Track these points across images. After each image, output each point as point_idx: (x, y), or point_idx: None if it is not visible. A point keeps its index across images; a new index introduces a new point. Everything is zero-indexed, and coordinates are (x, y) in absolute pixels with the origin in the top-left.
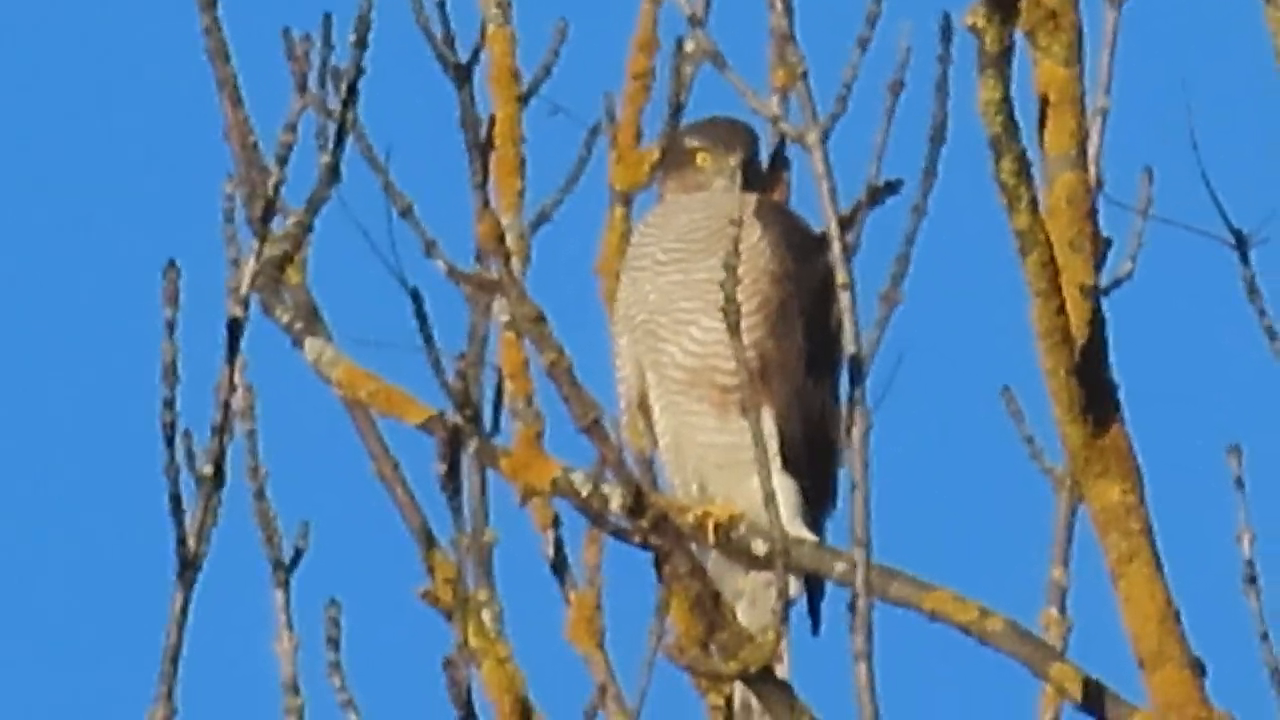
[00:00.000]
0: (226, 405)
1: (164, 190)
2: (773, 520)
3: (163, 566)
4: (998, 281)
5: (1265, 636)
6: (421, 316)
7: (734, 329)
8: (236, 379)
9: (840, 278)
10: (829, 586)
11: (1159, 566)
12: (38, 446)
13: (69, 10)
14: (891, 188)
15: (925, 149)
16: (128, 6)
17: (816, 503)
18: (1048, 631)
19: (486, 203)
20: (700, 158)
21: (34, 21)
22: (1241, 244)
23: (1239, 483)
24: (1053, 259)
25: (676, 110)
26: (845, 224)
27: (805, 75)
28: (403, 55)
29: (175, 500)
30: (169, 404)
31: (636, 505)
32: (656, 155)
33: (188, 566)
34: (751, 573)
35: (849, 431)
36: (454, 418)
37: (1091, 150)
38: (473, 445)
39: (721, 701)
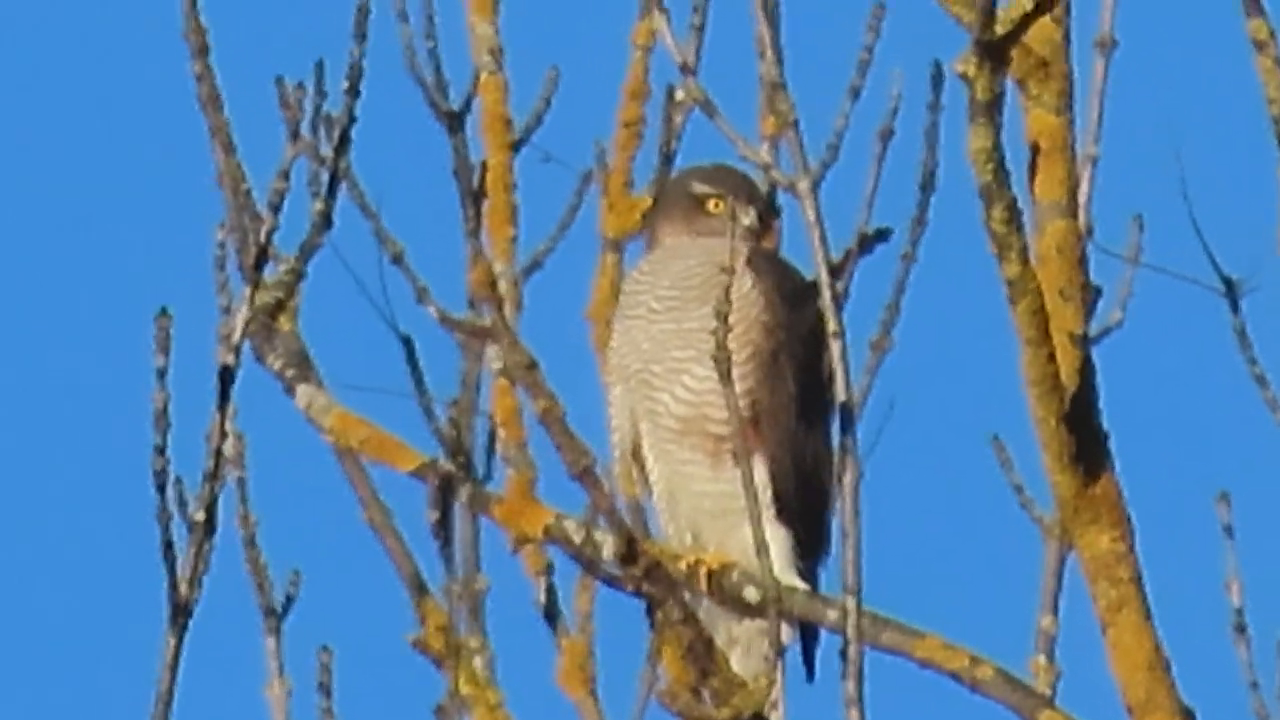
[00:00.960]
0: (218, 452)
1: (156, 237)
2: (765, 568)
3: (155, 613)
4: (988, 329)
5: (1255, 685)
6: (413, 363)
7: (726, 378)
8: (228, 426)
9: (831, 325)
10: (823, 633)
11: (1148, 615)
12: (29, 493)
13: (61, 57)
14: (882, 235)
15: (916, 197)
16: (120, 53)
17: (809, 550)
18: (1036, 679)
19: (479, 250)
20: (713, 203)
21: (26, 68)
22: (1232, 292)
23: (1228, 531)
24: (1043, 307)
25: (667, 158)
26: (836, 272)
27: (796, 123)
28: (395, 103)
29: (167, 546)
30: (160, 450)
31: (629, 553)
32: (649, 202)
33: (180, 613)
34: (745, 620)
35: (840, 479)
36: (446, 465)
37: (1082, 198)
38: (465, 492)
39: None
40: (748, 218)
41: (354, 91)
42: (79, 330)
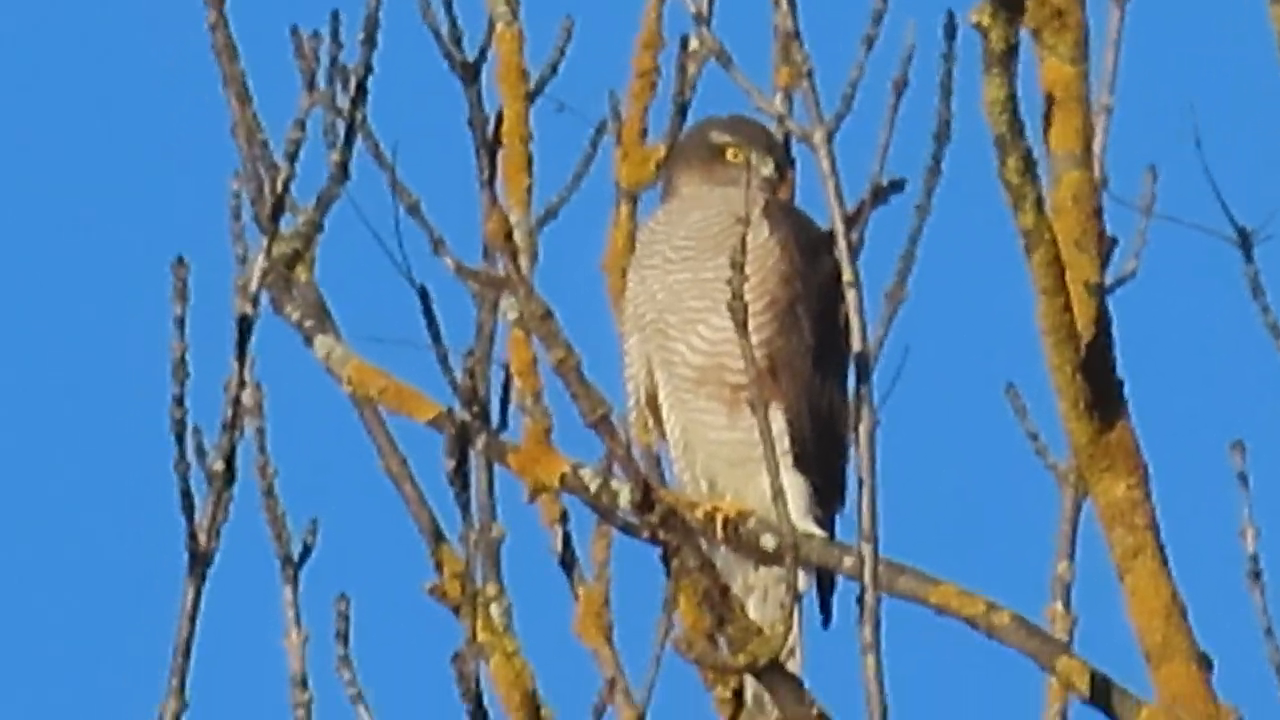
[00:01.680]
0: (237, 402)
1: (172, 187)
2: (782, 516)
3: (174, 562)
4: (1003, 278)
5: (1269, 632)
6: (429, 314)
7: (742, 327)
8: (246, 376)
9: (846, 275)
10: (839, 580)
11: (1165, 561)
12: (49, 443)
13: (77, 8)
14: (896, 186)
15: (930, 147)
16: (136, 3)
17: (825, 498)
18: (1053, 626)
19: (494, 200)
20: (731, 153)
21: (43, 20)
22: (1245, 241)
23: (1243, 478)
24: (1058, 257)
25: (681, 108)
26: (851, 222)
27: (810, 74)
28: (410, 53)
29: (186, 496)
30: (179, 400)
31: (645, 501)
32: (663, 152)
33: (198, 562)
34: (761, 568)
35: (856, 428)
36: (462, 414)
37: (1097, 148)
38: (481, 441)
39: (730, 695)
40: (766, 168)
41: (370, 42)
42: (97, 280)
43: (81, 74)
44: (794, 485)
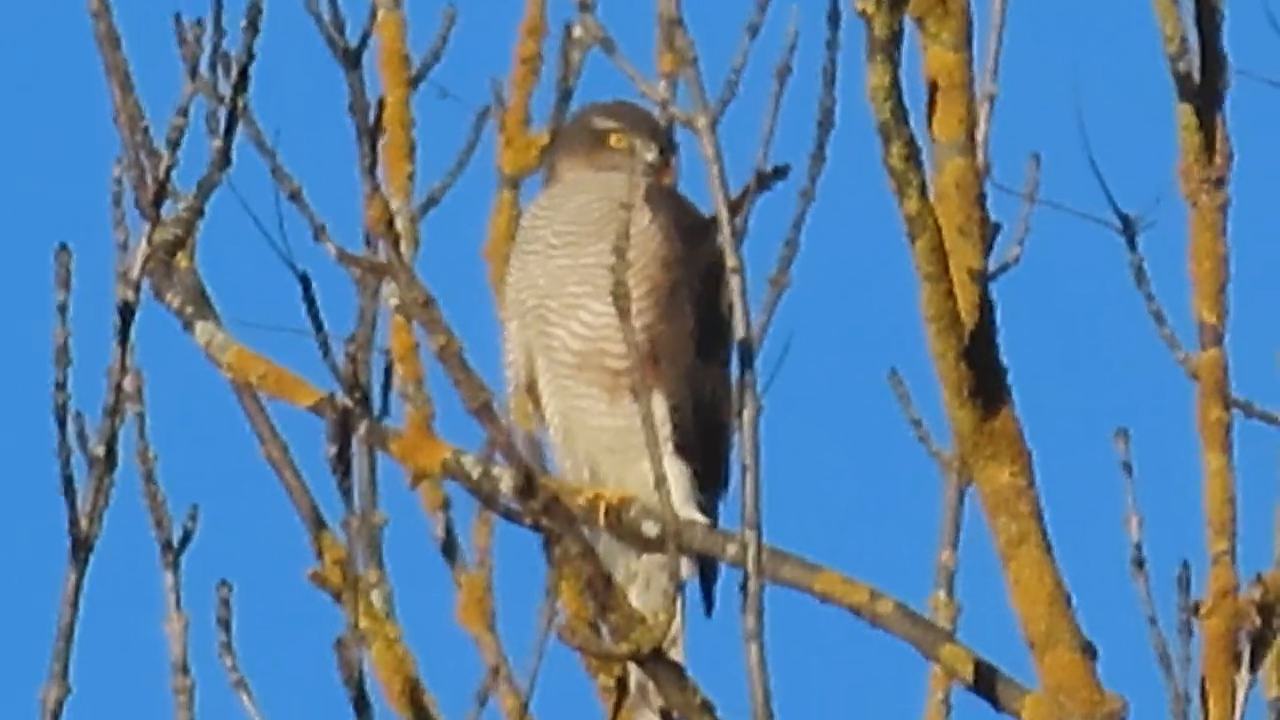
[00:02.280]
0: (118, 388)
1: (54, 173)
2: (664, 503)
3: (55, 547)
4: (886, 265)
5: (1153, 620)
6: (310, 300)
7: (624, 313)
8: (128, 362)
9: (730, 261)
10: (722, 568)
11: (1049, 550)
12: None
13: None
14: (780, 173)
15: (814, 134)
16: None
17: (708, 485)
18: (937, 614)
19: (376, 187)
20: (615, 139)
21: None
22: (1129, 228)
23: (1127, 467)
24: (941, 244)
25: (565, 95)
26: (734, 208)
27: (694, 60)
28: (293, 40)
29: (67, 481)
30: (61, 386)
31: (527, 487)
32: (547, 139)
33: (80, 547)
34: (643, 555)
35: (739, 414)
36: (344, 400)
37: (980, 135)
38: (362, 428)
39: (613, 682)
40: (650, 153)
41: (252, 29)
42: None
43: None
44: (676, 472)
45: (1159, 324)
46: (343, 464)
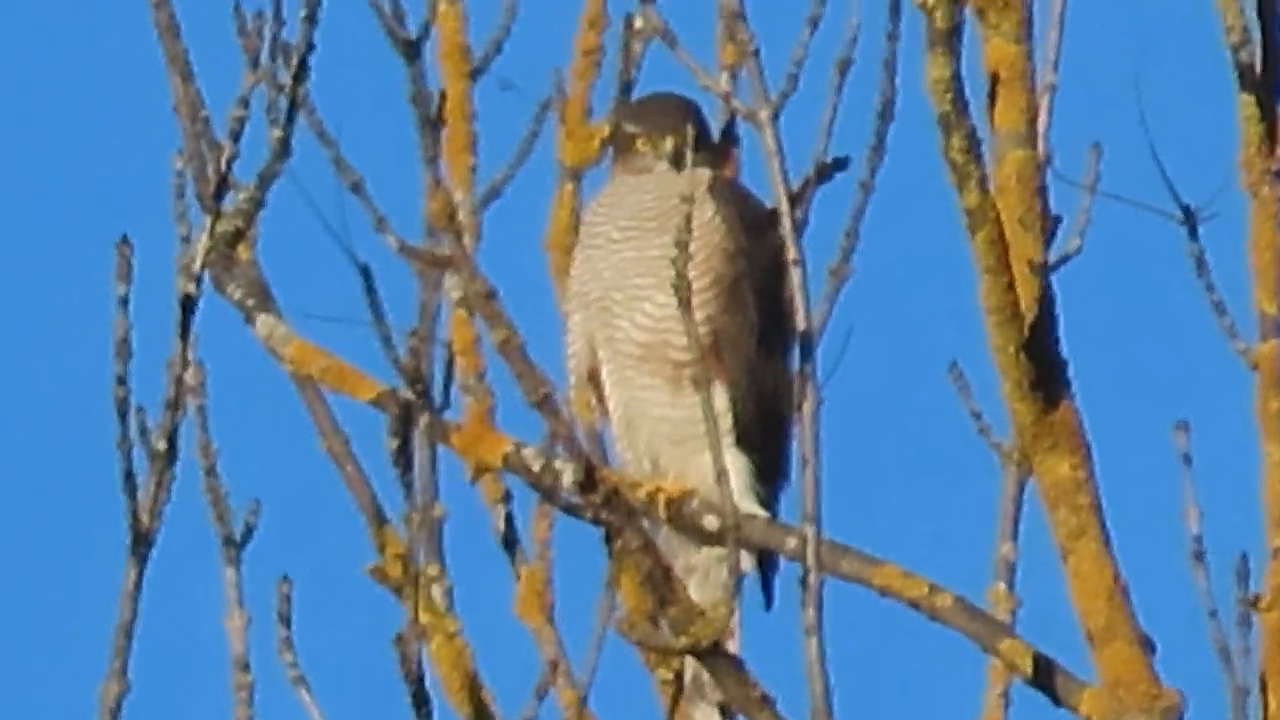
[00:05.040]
0: (179, 381)
1: (115, 165)
2: (724, 496)
3: (116, 543)
4: (946, 257)
5: (1214, 614)
6: (372, 293)
7: (686, 305)
8: (189, 355)
9: (791, 253)
10: (782, 562)
11: (1108, 542)
12: None
13: None
14: (840, 164)
15: (874, 126)
16: None
17: (768, 478)
18: (996, 608)
19: (437, 179)
20: (639, 143)
21: None
22: (1190, 219)
23: (1186, 459)
24: (1002, 236)
25: (626, 87)
26: (795, 200)
27: (755, 53)
28: (353, 31)
29: (128, 476)
30: (122, 380)
31: (588, 481)
32: (607, 130)
33: (140, 542)
34: (703, 548)
35: (799, 406)
36: (405, 394)
37: (1041, 127)
38: (423, 421)
39: (671, 676)
40: (667, 151)
41: (312, 19)
42: (39, 260)
43: (24, 53)
44: (737, 465)
45: (1219, 315)
46: (404, 458)
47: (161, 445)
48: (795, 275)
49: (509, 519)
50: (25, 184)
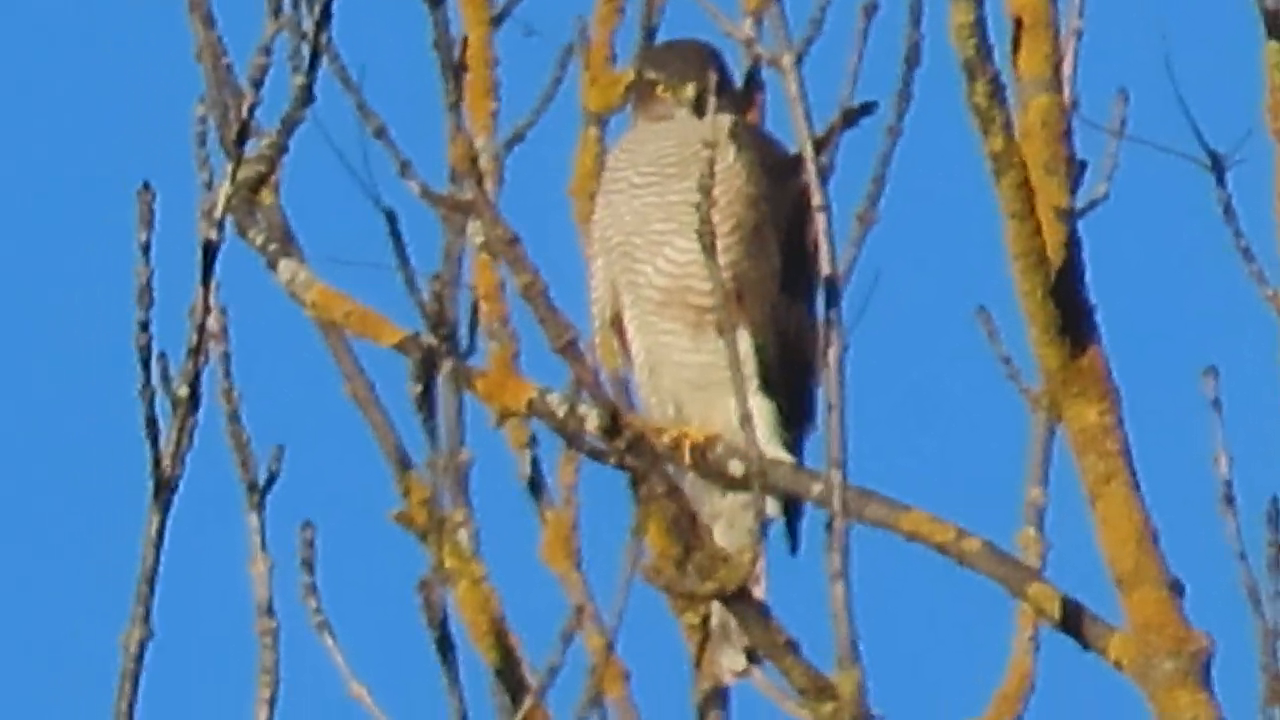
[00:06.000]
0: (202, 327)
1: (137, 112)
2: (749, 441)
3: (138, 489)
4: (973, 202)
5: (1243, 557)
6: (396, 238)
7: (709, 250)
8: (211, 301)
9: (816, 199)
10: (807, 507)
11: (1136, 487)
12: (9, 370)
13: None
14: (866, 109)
15: (899, 71)
16: None
17: (793, 423)
18: (1025, 552)
19: (460, 124)
20: (660, 89)
21: None
22: (1217, 165)
23: (1215, 404)
24: (1027, 181)
25: (649, 32)
26: (820, 146)
27: None
28: None
29: (151, 422)
30: (144, 326)
31: (612, 426)
32: (630, 76)
33: (163, 489)
34: (728, 494)
35: (825, 352)
36: (429, 339)
37: (1065, 72)
38: (447, 366)
39: (698, 621)
40: (688, 97)
41: None
42: (62, 206)
43: (47, 1)
44: (761, 410)
45: (1247, 260)
46: (427, 403)
47: (184, 391)
48: (820, 220)
49: (534, 464)
50: (47, 131)
